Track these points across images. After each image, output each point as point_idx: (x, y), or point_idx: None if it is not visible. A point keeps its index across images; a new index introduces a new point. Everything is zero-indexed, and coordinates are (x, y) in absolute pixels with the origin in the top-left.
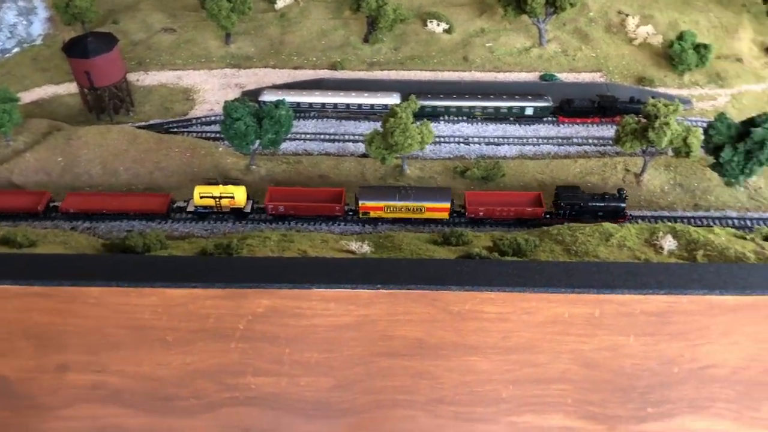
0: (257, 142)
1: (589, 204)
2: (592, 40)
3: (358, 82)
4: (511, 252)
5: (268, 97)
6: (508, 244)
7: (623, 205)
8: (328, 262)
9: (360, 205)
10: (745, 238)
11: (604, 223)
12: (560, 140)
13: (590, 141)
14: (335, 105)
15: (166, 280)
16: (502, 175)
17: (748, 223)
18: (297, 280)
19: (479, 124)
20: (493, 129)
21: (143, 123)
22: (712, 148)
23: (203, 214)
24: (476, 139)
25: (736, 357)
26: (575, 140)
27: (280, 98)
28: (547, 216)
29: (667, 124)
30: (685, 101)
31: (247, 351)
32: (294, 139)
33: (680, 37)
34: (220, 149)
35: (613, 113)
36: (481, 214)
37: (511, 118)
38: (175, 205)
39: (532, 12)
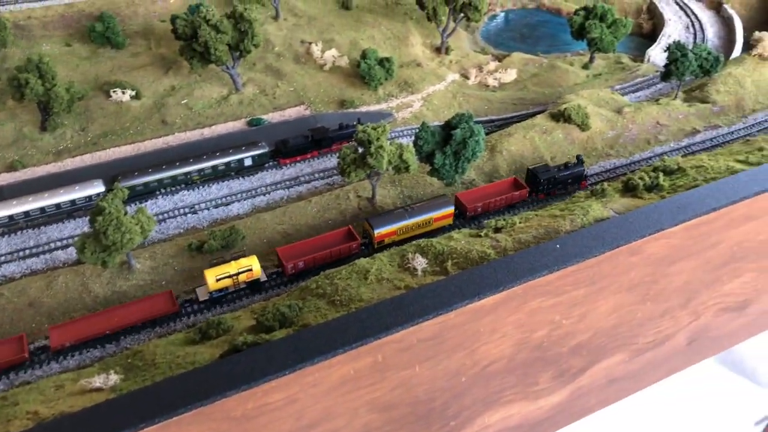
0: None
1: (561, 175)
2: (286, 74)
3: (48, 178)
4: (278, 325)
5: None
6: (272, 316)
7: (583, 168)
8: (67, 421)
9: (375, 234)
10: (480, 236)
11: (357, 261)
12: (288, 183)
13: (316, 176)
14: (26, 213)
15: None
16: (242, 237)
17: None
18: None
19: (202, 187)
20: (217, 189)
21: None
22: (425, 156)
23: (219, 299)
24: (203, 205)
25: (507, 347)
26: (302, 179)
27: None
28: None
29: (381, 147)
30: (387, 114)
31: None
32: None
33: (364, 55)
34: None
35: (328, 144)
36: (479, 210)
37: (233, 173)
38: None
39: (219, 60)
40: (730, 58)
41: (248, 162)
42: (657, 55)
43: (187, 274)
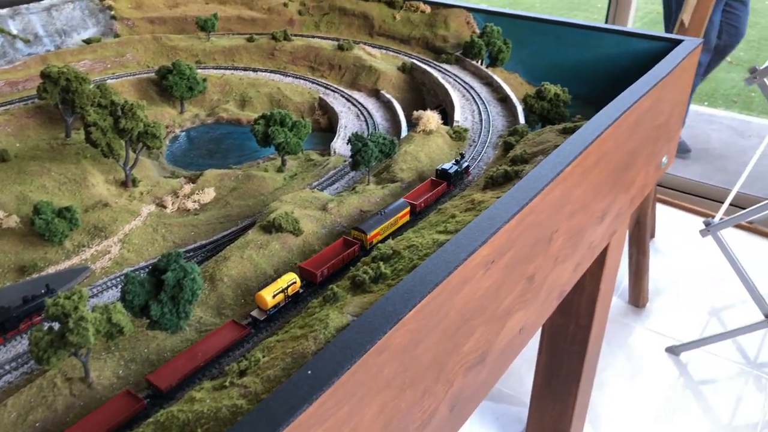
0: None
1: (460, 169)
2: None
3: None
4: None
5: None
6: None
7: (467, 161)
8: None
9: (368, 236)
10: (225, 386)
11: None
12: None
13: (7, 368)
14: None
15: None
16: None
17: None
18: None
19: None
20: None
21: None
22: (139, 310)
23: (274, 316)
24: None
25: None
26: None
27: None
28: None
29: (82, 318)
30: (83, 269)
31: None
32: None
33: (37, 210)
34: None
35: (13, 325)
36: (423, 205)
37: None
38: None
39: None
40: (401, 137)
41: None
42: (341, 146)
43: None
